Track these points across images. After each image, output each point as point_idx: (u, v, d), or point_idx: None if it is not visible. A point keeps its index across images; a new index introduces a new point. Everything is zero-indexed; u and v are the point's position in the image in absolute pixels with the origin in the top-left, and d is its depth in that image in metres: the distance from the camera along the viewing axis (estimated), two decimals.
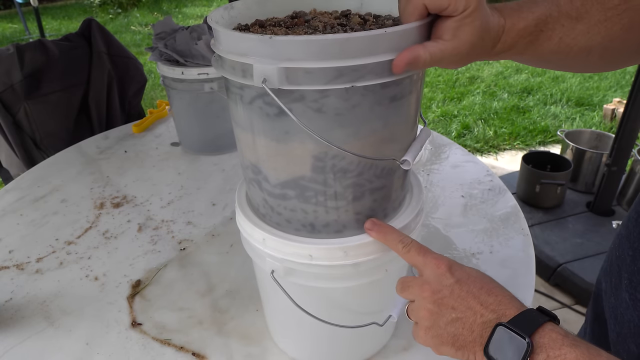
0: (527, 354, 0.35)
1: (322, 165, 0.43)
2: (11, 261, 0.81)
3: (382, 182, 0.47)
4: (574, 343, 0.35)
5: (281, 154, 0.44)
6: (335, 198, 0.46)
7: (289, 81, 0.39)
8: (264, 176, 0.47)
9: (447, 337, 0.41)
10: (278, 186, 0.46)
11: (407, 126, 0.46)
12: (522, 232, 0.84)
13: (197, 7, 6.68)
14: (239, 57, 0.40)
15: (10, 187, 1.03)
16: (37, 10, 3.48)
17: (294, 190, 0.46)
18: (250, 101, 0.43)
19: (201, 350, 0.63)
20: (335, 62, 0.38)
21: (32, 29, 5.43)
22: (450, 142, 1.18)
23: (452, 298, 0.41)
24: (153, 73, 3.97)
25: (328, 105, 0.40)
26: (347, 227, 0.48)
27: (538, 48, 0.43)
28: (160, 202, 0.96)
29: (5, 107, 1.31)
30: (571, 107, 3.27)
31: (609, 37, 0.43)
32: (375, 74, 0.39)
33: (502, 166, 2.63)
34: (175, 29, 1.05)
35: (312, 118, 0.41)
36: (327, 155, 0.43)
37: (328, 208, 0.46)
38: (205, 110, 1.08)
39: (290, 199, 0.47)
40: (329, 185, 0.45)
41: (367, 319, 0.51)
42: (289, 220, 0.48)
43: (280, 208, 0.48)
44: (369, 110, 0.41)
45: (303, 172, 0.44)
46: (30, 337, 0.65)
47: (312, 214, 0.47)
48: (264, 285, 0.57)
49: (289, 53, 0.38)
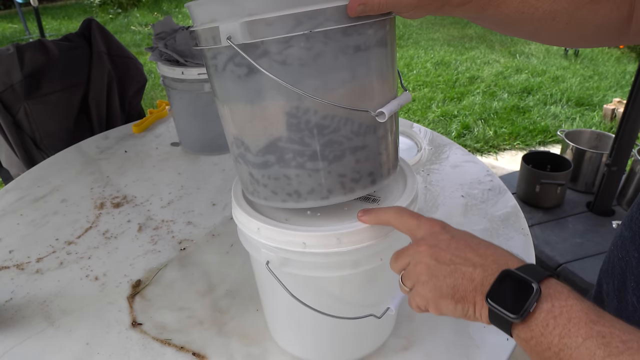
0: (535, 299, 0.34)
1: (297, 122, 0.44)
2: (11, 261, 0.81)
3: (362, 141, 0.46)
4: (580, 297, 0.34)
5: (257, 116, 0.45)
6: (314, 158, 0.45)
7: (251, 35, 0.40)
8: (246, 146, 0.48)
9: (446, 289, 0.39)
10: (259, 154, 0.47)
11: (379, 81, 0.46)
12: (522, 232, 0.84)
13: None
14: (208, 24, 0.43)
15: (10, 187, 1.03)
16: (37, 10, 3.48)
17: (273, 155, 0.46)
18: (224, 67, 0.45)
19: (201, 350, 0.63)
20: (292, 9, 0.39)
21: (32, 29, 5.43)
22: (450, 142, 1.18)
23: (449, 251, 0.40)
24: (153, 73, 3.97)
25: (292, 56, 0.41)
26: (333, 192, 0.48)
27: (501, 5, 0.43)
28: (160, 202, 0.96)
29: (5, 107, 1.31)
30: (571, 107, 3.27)
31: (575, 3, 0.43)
32: (334, 21, 0.41)
33: (502, 166, 2.63)
34: (175, 29, 1.05)
35: (279, 71, 0.42)
36: (299, 110, 0.43)
37: (309, 171, 0.46)
38: (205, 110, 1.08)
39: (272, 166, 0.47)
40: (306, 144, 0.45)
41: (364, 311, 0.51)
42: (275, 192, 0.48)
43: (265, 179, 0.48)
44: (333, 59, 0.42)
45: (280, 133, 0.45)
46: (31, 337, 0.65)
47: (294, 179, 0.47)
48: (263, 282, 0.57)
49: (249, 8, 0.40)
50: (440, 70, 3.97)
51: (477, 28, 5.38)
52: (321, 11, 0.40)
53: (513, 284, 0.35)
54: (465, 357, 0.60)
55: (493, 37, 5.00)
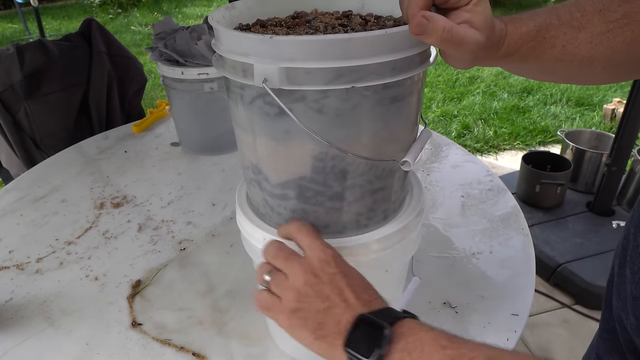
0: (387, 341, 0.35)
1: (323, 165, 0.43)
2: (11, 261, 0.81)
3: (383, 183, 0.47)
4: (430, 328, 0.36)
5: (281, 154, 0.44)
6: (335, 199, 0.46)
7: (289, 81, 0.39)
8: (264, 176, 0.47)
9: (311, 324, 0.40)
10: (278, 186, 0.46)
11: (408, 127, 0.46)
12: (522, 232, 0.84)
13: (197, 7, 6.68)
14: (240, 56, 0.40)
15: (10, 187, 1.03)
16: (37, 10, 3.48)
17: (294, 191, 0.46)
18: (251, 101, 0.43)
19: (201, 351, 0.63)
20: (336, 62, 0.38)
21: (32, 29, 5.43)
22: (450, 142, 1.18)
23: (330, 287, 0.41)
24: (153, 73, 3.97)
25: (328, 105, 0.40)
26: (348, 228, 0.48)
27: (542, 55, 0.43)
28: (160, 202, 0.96)
29: (5, 107, 1.31)
30: (571, 107, 3.27)
31: (612, 49, 0.43)
32: (376, 75, 0.39)
33: (502, 166, 2.63)
34: (175, 29, 1.05)
35: (313, 118, 0.41)
36: (327, 156, 0.43)
37: (328, 209, 0.46)
38: (205, 110, 1.08)
39: (290, 200, 0.47)
40: (329, 186, 0.45)
41: None
42: (289, 221, 0.48)
43: (281, 208, 0.48)
44: (370, 110, 0.41)
45: (303, 173, 0.44)
46: (30, 338, 0.65)
47: (312, 214, 0.47)
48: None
49: (290, 53, 0.38)
50: (440, 70, 3.97)
51: None
52: (364, 66, 0.38)
53: (368, 328, 0.37)
54: None
55: None
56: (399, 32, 0.38)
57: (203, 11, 6.39)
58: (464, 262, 0.77)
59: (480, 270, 0.75)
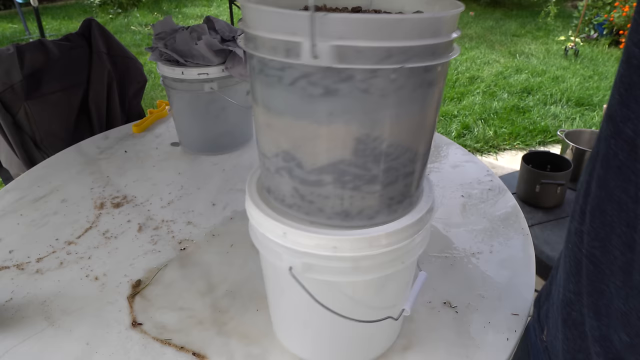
0: None
1: (364, 148, 0.43)
2: (11, 261, 0.81)
3: (412, 167, 0.48)
4: None
5: (323, 136, 0.43)
6: (372, 182, 0.46)
7: (339, 59, 0.39)
8: (298, 162, 0.46)
9: None
10: (314, 172, 0.46)
11: (435, 113, 0.47)
12: (522, 232, 0.84)
13: (197, 7, 6.68)
14: (285, 35, 0.40)
15: (10, 187, 1.03)
16: (37, 10, 3.48)
17: (331, 175, 0.45)
18: (292, 82, 0.42)
19: (201, 350, 0.63)
20: (386, 42, 0.38)
21: (32, 29, 5.43)
22: (450, 142, 1.18)
23: None
24: (153, 73, 3.97)
25: (375, 86, 0.41)
26: (380, 213, 0.48)
27: None
28: (160, 202, 0.96)
29: (5, 107, 1.31)
30: (571, 107, 3.27)
31: None
32: (420, 57, 0.40)
33: (502, 166, 2.63)
34: (175, 29, 1.05)
35: (359, 98, 0.41)
36: (369, 138, 0.43)
37: (364, 193, 0.46)
38: (205, 110, 1.08)
39: (326, 185, 0.46)
40: (368, 169, 0.45)
41: (381, 313, 0.51)
42: (322, 209, 0.47)
43: (314, 196, 0.47)
44: (412, 92, 0.42)
45: (343, 156, 0.44)
46: (30, 337, 0.65)
47: (347, 200, 0.46)
48: (276, 286, 0.57)
49: (341, 31, 0.38)
50: None
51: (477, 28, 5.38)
52: (412, 47, 0.39)
53: None
54: (465, 357, 0.60)
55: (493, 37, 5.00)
56: (443, 16, 0.39)
57: (203, 11, 6.40)
58: (464, 262, 0.77)
59: (480, 270, 0.76)
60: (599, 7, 4.79)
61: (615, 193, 0.44)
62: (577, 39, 4.47)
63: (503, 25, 5.32)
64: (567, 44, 4.45)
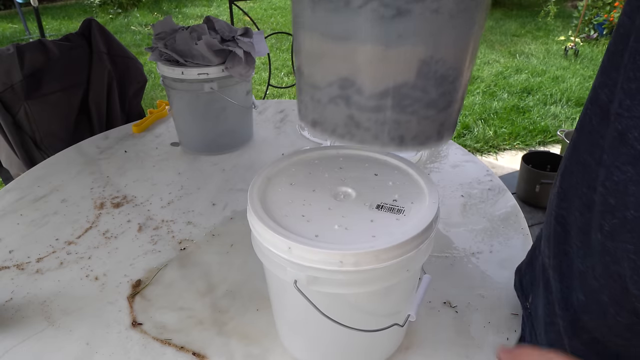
0: None
1: (427, 70, 0.43)
2: (11, 261, 0.81)
3: (461, 94, 0.48)
4: None
5: (388, 60, 0.43)
6: (429, 107, 0.46)
7: None
8: (357, 88, 0.45)
9: None
10: (374, 97, 0.45)
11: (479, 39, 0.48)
12: (522, 232, 0.84)
13: (197, 7, 6.68)
14: None
15: (10, 187, 1.03)
16: (37, 10, 3.48)
17: (392, 99, 0.45)
18: (363, 4, 0.42)
19: (201, 350, 0.63)
20: None
21: (32, 29, 5.43)
22: (450, 142, 1.18)
23: None
24: (153, 73, 3.97)
25: (445, 6, 0.41)
26: (430, 139, 0.48)
27: None
28: (160, 202, 0.96)
29: (5, 107, 1.31)
30: (571, 107, 3.27)
31: None
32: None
33: (502, 166, 2.63)
34: (175, 29, 1.05)
35: (429, 20, 0.41)
36: (433, 59, 0.43)
37: (420, 118, 0.46)
38: (205, 110, 1.08)
39: (385, 110, 0.46)
40: (427, 92, 0.45)
41: (387, 321, 0.51)
42: (377, 136, 0.47)
43: (370, 122, 0.47)
44: (473, 15, 0.43)
45: (407, 79, 0.44)
46: (30, 337, 0.65)
47: (404, 125, 0.46)
48: (278, 293, 0.56)
49: None
50: None
51: None
52: None
53: None
54: (465, 357, 0.60)
55: (493, 37, 5.00)
56: None
57: (203, 11, 6.40)
58: (464, 262, 0.77)
59: (480, 270, 0.76)
60: (599, 7, 4.79)
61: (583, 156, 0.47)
62: (577, 39, 4.47)
63: (503, 25, 5.33)
64: (567, 44, 4.45)
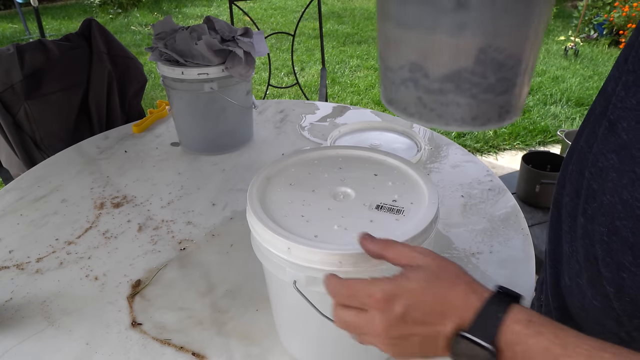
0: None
1: (484, 58, 0.46)
2: (11, 261, 0.81)
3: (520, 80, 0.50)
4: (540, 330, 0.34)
5: (451, 47, 0.46)
6: (487, 91, 0.48)
7: None
8: (424, 72, 0.49)
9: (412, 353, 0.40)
10: (437, 81, 0.48)
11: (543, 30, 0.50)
12: (522, 232, 0.84)
13: (197, 7, 6.68)
14: None
15: (10, 187, 1.03)
16: (37, 10, 3.48)
17: (452, 83, 0.48)
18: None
19: (201, 350, 0.63)
20: None
21: (32, 29, 5.43)
22: (450, 142, 1.18)
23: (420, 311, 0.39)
24: (153, 73, 3.97)
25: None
26: (491, 120, 0.51)
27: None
28: (160, 202, 0.96)
29: (5, 107, 1.31)
30: (571, 107, 3.27)
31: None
32: None
33: (502, 166, 2.63)
34: (175, 29, 1.05)
35: (487, 10, 0.44)
36: (491, 47, 0.46)
37: (479, 101, 0.49)
38: (205, 110, 1.08)
39: (447, 93, 0.49)
40: (485, 77, 0.47)
41: None
42: (441, 116, 0.50)
43: (435, 104, 0.50)
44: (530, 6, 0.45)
45: (466, 65, 0.47)
46: (30, 337, 0.65)
47: (464, 107, 0.49)
48: (277, 293, 0.57)
49: None
50: None
51: None
52: None
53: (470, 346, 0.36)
54: None
55: None
56: None
57: (203, 11, 6.39)
58: (464, 262, 0.77)
59: (480, 270, 0.76)
60: (599, 7, 4.79)
61: (581, 143, 0.49)
62: (577, 39, 4.47)
63: None
64: (567, 44, 4.45)
